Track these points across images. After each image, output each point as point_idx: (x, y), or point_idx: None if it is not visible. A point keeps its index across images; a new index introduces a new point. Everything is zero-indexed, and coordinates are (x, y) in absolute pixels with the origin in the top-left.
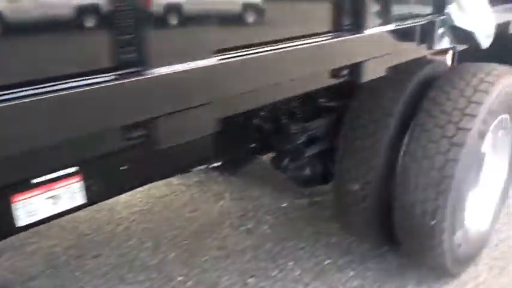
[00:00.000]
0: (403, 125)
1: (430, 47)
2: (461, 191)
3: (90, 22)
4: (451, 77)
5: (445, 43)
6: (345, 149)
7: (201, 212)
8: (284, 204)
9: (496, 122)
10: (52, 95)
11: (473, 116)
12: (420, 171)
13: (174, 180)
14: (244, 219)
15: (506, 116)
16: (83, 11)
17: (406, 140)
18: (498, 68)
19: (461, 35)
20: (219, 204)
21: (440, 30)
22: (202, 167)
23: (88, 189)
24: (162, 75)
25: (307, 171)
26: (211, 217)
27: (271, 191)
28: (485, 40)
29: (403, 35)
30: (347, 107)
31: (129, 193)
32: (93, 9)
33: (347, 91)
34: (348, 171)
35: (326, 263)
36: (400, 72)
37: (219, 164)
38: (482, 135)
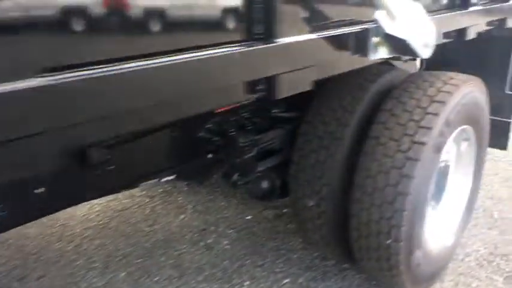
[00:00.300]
0: (359, 137)
1: (363, 58)
2: (419, 208)
3: None
4: (408, 87)
5: (381, 53)
6: (299, 163)
7: (161, 226)
8: (249, 217)
9: (455, 134)
10: None
11: (429, 128)
12: (375, 187)
13: (137, 191)
14: (205, 234)
15: (468, 127)
16: None
17: (361, 153)
18: (456, 77)
19: (394, 44)
20: (181, 218)
21: (375, 39)
22: (151, 181)
23: None
24: None
25: (264, 185)
26: (171, 232)
27: (237, 202)
28: (423, 50)
29: (328, 45)
30: (303, 118)
31: (86, 206)
32: None
33: (303, 100)
34: (303, 186)
35: (284, 282)
36: (358, 80)
37: (172, 177)
38: (439, 149)
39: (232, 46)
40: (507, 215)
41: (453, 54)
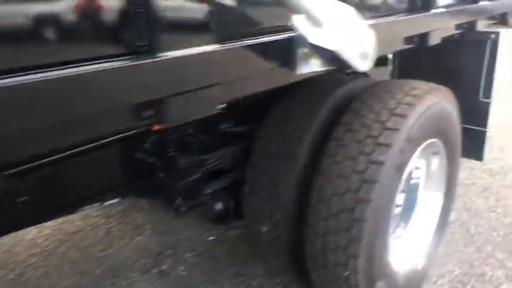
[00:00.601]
0: (316, 155)
1: (289, 73)
2: (380, 235)
3: None
4: (368, 98)
5: (313, 66)
6: (252, 183)
7: (114, 251)
8: (210, 238)
9: (420, 149)
10: None
11: (388, 146)
12: (330, 212)
13: (94, 210)
14: (160, 259)
15: (436, 140)
16: None
17: (317, 173)
18: (420, 87)
19: (324, 56)
20: (136, 240)
21: (303, 50)
22: (93, 205)
23: None
24: None
25: (217, 207)
26: (124, 257)
27: (200, 221)
28: (361, 62)
29: (239, 58)
30: (257, 133)
31: (36, 229)
32: None
33: (257, 114)
34: (257, 209)
35: None
36: (315, 91)
37: (115, 200)
38: (400, 168)
39: (105, 62)
40: (484, 229)
41: (424, 60)
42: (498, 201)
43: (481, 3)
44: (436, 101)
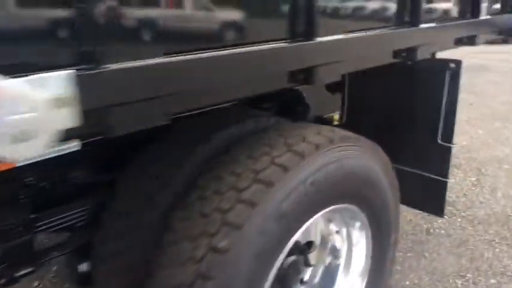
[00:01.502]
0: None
1: None
2: None
3: None
4: (239, 152)
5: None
6: (100, 248)
7: None
8: None
9: (302, 230)
10: None
11: (237, 227)
12: None
13: None
14: None
15: (349, 206)
16: None
17: (158, 252)
18: (313, 139)
19: None
20: (33, 286)
21: None
22: None
23: None
24: None
25: (83, 268)
26: None
27: None
28: (7, 146)
29: None
30: (113, 186)
31: None
32: None
33: (120, 161)
34: (104, 283)
35: None
36: (188, 136)
37: None
38: (263, 255)
39: None
40: None
41: (376, 87)
42: (472, 262)
43: (422, 26)
44: (336, 158)
